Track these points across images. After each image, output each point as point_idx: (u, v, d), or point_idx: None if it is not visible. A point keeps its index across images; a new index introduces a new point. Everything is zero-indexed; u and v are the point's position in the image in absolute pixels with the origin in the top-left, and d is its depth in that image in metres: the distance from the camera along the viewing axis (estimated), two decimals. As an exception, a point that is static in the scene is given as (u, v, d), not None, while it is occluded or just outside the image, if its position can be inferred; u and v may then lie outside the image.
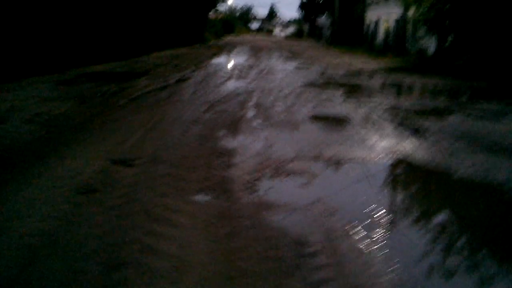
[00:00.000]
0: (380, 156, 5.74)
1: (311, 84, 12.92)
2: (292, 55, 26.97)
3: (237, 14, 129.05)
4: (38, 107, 8.31)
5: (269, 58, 24.28)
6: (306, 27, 79.49)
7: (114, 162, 5.17)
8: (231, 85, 12.31)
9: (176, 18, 31.01)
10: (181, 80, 12.94)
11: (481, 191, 4.66)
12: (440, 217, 4.04)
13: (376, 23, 39.69)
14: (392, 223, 3.79)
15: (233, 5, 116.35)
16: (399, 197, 4.57)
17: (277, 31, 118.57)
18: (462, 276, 3.07)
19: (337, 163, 5.42)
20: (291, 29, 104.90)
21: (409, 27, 23.48)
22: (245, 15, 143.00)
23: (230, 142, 6.19)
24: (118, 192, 4.26)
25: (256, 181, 4.64)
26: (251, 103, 9.42)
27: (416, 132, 7.05)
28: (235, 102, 9.44)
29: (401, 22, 23.19)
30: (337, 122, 7.81)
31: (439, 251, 3.37)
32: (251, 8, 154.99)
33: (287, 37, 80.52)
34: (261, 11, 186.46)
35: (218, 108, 8.69)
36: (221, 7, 71.15)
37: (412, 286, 2.86)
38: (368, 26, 42.67)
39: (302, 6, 76.31)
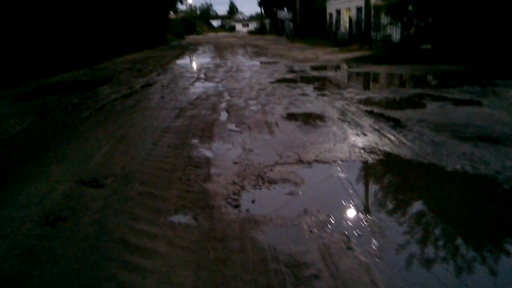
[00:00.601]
0: (364, 154, 5.47)
1: (281, 81, 12.62)
2: (258, 52, 26.66)
3: (197, 12, 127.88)
4: (-6, 126, 7.73)
5: (234, 55, 23.91)
6: (267, 22, 79.33)
7: (82, 183, 4.73)
8: (200, 87, 11.90)
9: (136, 20, 30.27)
10: (146, 85, 12.44)
11: (476, 184, 4.43)
12: (439, 220, 3.78)
13: (338, 14, 39.78)
14: (386, 231, 3.51)
15: (193, 4, 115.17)
16: (390, 199, 4.30)
17: (239, 27, 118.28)
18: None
19: (321, 166, 5.11)
20: (253, 25, 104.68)
21: (373, 15, 23.45)
22: (205, 13, 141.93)
23: (206, 151, 5.81)
24: (88, 219, 3.84)
25: (238, 194, 4.29)
26: (223, 105, 9.05)
27: (397, 124, 6.82)
28: (206, 105, 9.05)
29: (366, 10, 23.12)
30: (314, 119, 7.52)
31: (444, 262, 3.10)
32: (211, 6, 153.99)
33: (250, 33, 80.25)
34: (221, 8, 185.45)
35: (189, 113, 8.28)
36: (181, 7, 70.21)
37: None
38: (330, 17, 42.75)
39: (262, 1, 76.12)
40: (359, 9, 33.56)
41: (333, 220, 3.67)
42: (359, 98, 9.34)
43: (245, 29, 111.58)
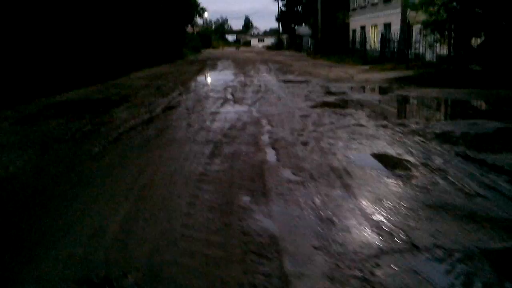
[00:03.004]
0: (505, 235, 3.67)
1: (323, 105, 10.90)
2: (282, 68, 25.06)
3: (213, 27, 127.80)
4: (-18, 163, 6.07)
5: (258, 72, 22.30)
6: (285, 38, 78.08)
7: (87, 285, 2.99)
8: (230, 111, 10.20)
9: (154, 34, 28.88)
10: (168, 108, 10.78)
11: None
12: None
13: (363, 30, 38.14)
14: None
15: (208, 18, 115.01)
16: None
17: (254, 42, 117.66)
18: None
19: (447, 258, 3.32)
20: (269, 40, 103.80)
21: (410, 32, 21.66)
22: (221, 28, 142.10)
23: (266, 220, 4.05)
24: None
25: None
26: (265, 138, 7.34)
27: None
28: (245, 138, 7.34)
29: (402, 26, 21.40)
30: (394, 165, 5.75)
31: None
32: (226, 21, 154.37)
33: (267, 48, 79.03)
34: (236, 23, 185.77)
35: (226, 150, 6.56)
36: (198, 21, 69.35)
37: None
38: (354, 33, 41.13)
39: (280, 17, 75.09)
40: (387, 26, 31.94)
41: None
42: (432, 132, 7.58)
43: (260, 44, 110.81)
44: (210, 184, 5.05)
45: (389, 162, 5.87)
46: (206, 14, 69.37)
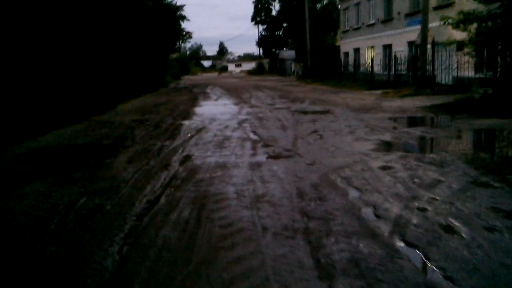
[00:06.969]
0: None
1: (388, 148, 8.35)
2: (284, 95, 22.55)
3: (187, 53, 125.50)
4: None
5: (261, 101, 19.72)
6: (265, 62, 76.20)
7: None
8: (276, 163, 7.46)
9: (138, 60, 26.12)
10: (187, 159, 7.98)
11: None
12: None
13: (356, 52, 36.20)
14: None
15: (183, 45, 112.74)
16: None
17: (231, 67, 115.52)
18: None
19: None
20: (246, 65, 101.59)
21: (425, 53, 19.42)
22: (196, 54, 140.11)
23: None
24: None
25: None
26: (369, 217, 4.65)
27: None
28: (341, 221, 4.60)
29: (422, 47, 19.17)
30: None
31: None
32: (201, 47, 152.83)
33: (249, 73, 76.63)
34: (210, 49, 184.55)
35: (337, 256, 3.81)
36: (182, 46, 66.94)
37: None
38: (346, 56, 39.18)
39: (261, 41, 73.50)
40: (386, 47, 30.02)
41: None
42: None
43: (238, 69, 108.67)
44: None
45: None
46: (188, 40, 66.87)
